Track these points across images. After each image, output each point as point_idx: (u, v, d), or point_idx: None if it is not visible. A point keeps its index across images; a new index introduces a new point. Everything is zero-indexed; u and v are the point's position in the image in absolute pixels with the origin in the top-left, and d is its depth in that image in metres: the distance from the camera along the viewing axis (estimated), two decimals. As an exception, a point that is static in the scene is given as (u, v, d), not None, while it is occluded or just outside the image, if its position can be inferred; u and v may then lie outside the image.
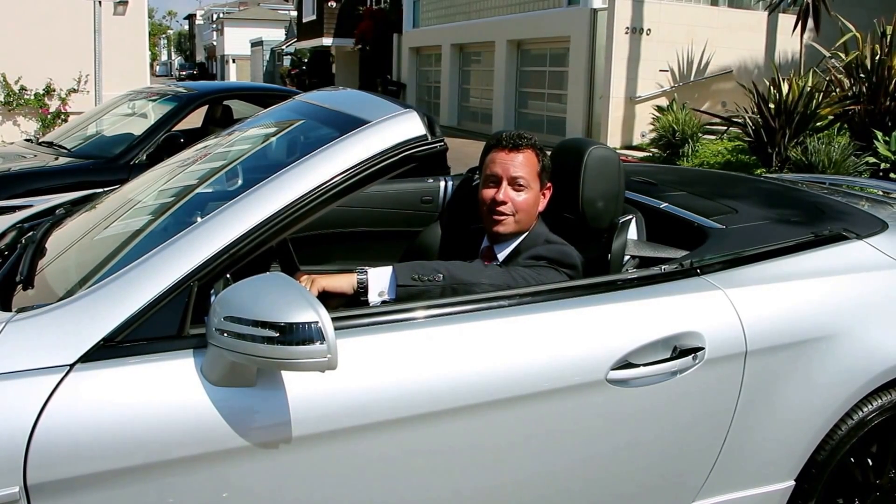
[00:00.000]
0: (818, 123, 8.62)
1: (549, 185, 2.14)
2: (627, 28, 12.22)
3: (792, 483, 1.94)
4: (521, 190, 2.06)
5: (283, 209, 1.53)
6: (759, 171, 8.39)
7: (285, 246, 2.37)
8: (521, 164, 2.07)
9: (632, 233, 2.11)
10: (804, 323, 1.88)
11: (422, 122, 1.66)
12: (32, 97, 10.41)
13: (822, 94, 8.64)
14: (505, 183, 2.06)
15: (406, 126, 1.65)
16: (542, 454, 1.70)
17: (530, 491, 1.72)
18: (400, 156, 1.62)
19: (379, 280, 1.87)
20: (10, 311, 1.51)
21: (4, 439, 1.29)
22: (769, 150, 8.64)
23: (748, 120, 8.95)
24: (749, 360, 1.80)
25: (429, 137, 1.65)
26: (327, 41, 26.43)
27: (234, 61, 47.04)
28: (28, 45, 9.97)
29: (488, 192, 2.09)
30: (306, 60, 31.99)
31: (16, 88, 10.29)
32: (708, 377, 1.78)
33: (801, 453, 1.92)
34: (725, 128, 10.42)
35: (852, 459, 2.01)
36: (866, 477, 2.05)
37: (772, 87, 8.78)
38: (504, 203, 2.05)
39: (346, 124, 1.70)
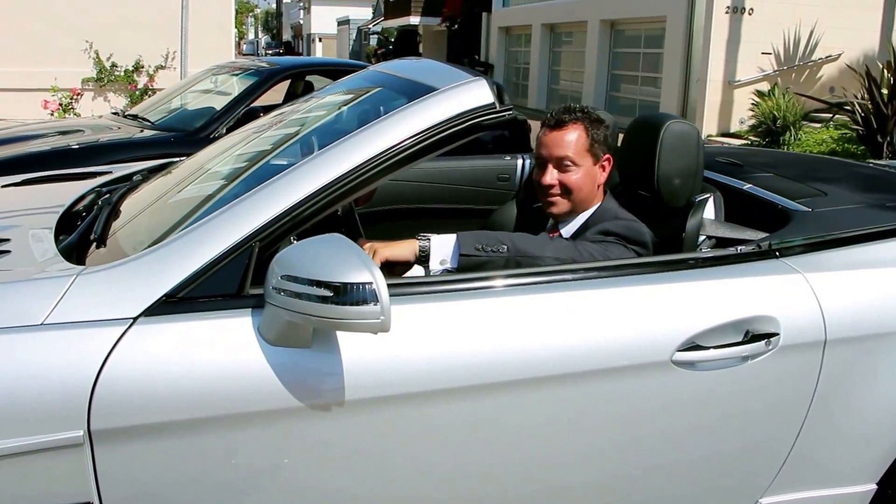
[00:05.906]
0: (936, 110, 8.04)
1: (607, 156, 2.06)
2: (728, 7, 11.69)
3: (874, 486, 1.81)
4: (568, 170, 2.01)
5: (347, 174, 1.54)
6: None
7: (352, 216, 2.39)
8: (566, 143, 2.01)
9: (709, 212, 2.03)
10: (892, 313, 1.75)
11: (491, 91, 1.64)
12: (122, 73, 10.86)
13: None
14: (551, 166, 2.02)
15: (474, 94, 1.63)
16: (600, 433, 1.65)
17: (584, 469, 1.68)
18: (467, 124, 1.60)
19: (441, 248, 1.86)
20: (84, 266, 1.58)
21: (71, 385, 1.35)
22: (879, 138, 8.10)
23: (857, 106, 8.41)
24: (828, 349, 1.69)
25: (497, 106, 1.62)
26: (414, 20, 26.46)
27: (320, 40, 47.02)
28: (119, 23, 10.40)
29: (537, 175, 2.06)
30: (393, 40, 32.07)
31: (107, 65, 10.76)
32: (782, 365, 1.68)
33: (885, 455, 1.79)
34: (831, 115, 9.84)
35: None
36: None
37: (885, 71, 8.21)
38: (553, 186, 2.01)
39: (415, 92, 1.70)
